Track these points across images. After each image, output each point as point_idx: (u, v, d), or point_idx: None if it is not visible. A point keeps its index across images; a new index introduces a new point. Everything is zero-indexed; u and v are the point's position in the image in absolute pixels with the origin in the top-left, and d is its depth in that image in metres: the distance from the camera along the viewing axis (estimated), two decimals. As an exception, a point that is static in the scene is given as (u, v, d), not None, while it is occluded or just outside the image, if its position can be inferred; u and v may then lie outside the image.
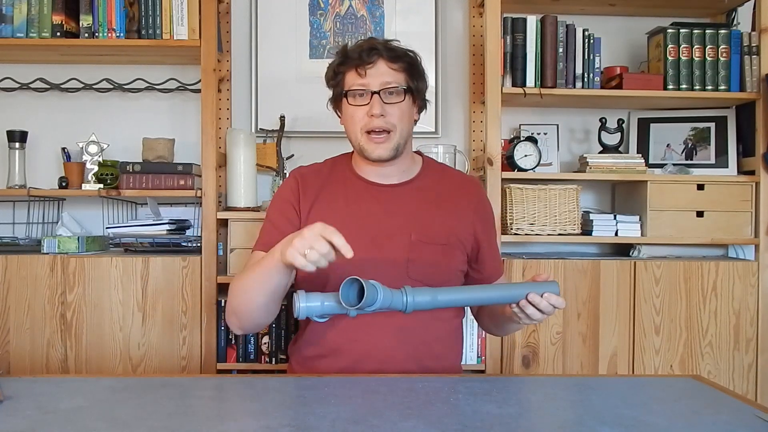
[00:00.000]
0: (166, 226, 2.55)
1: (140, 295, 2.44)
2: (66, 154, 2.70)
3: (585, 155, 2.64)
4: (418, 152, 1.87)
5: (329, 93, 1.78)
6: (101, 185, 2.55)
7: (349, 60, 1.68)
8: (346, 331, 1.66)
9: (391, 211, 1.71)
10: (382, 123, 1.65)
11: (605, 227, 2.58)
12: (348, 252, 1.37)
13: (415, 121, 1.79)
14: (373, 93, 1.65)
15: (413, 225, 1.69)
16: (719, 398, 1.34)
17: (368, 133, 1.66)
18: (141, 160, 2.60)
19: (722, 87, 2.59)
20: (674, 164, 2.69)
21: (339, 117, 1.77)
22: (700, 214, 2.56)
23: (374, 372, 1.62)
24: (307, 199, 1.73)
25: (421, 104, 1.78)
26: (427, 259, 1.67)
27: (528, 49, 2.57)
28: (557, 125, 2.84)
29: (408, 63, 1.70)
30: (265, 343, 2.48)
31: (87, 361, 2.43)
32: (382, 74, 1.66)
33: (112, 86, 2.80)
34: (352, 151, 1.81)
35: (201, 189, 2.50)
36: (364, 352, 1.64)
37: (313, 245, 1.37)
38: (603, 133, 2.70)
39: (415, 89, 1.71)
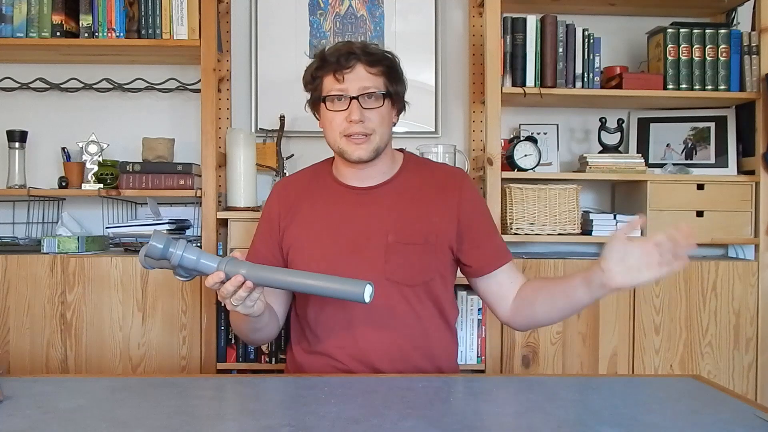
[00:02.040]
0: (166, 226, 2.55)
1: (140, 295, 2.43)
2: (66, 154, 2.70)
3: (585, 155, 2.64)
4: (401, 150, 1.84)
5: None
6: (101, 185, 2.55)
7: (326, 64, 1.66)
8: (334, 335, 1.67)
9: (369, 214, 1.70)
10: (361, 128, 1.63)
11: (605, 227, 2.58)
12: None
13: (394, 123, 1.77)
14: (351, 98, 1.63)
15: (391, 226, 1.67)
16: (719, 398, 1.34)
17: (347, 136, 1.65)
18: (141, 160, 2.60)
19: (722, 87, 2.59)
20: (674, 164, 2.69)
21: (317, 119, 1.76)
22: (700, 213, 2.56)
23: (366, 373, 1.62)
24: (288, 212, 1.76)
25: (399, 106, 1.76)
26: (405, 260, 1.66)
27: (528, 48, 2.57)
28: (557, 125, 2.84)
29: (386, 66, 1.68)
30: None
31: (87, 360, 2.43)
32: (360, 79, 1.63)
33: (111, 86, 2.80)
34: (333, 157, 1.81)
35: (201, 189, 2.50)
36: (354, 354, 1.65)
37: (224, 297, 1.45)
38: (603, 132, 2.70)
39: (393, 93, 1.69)
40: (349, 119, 1.62)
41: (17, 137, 2.64)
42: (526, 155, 2.58)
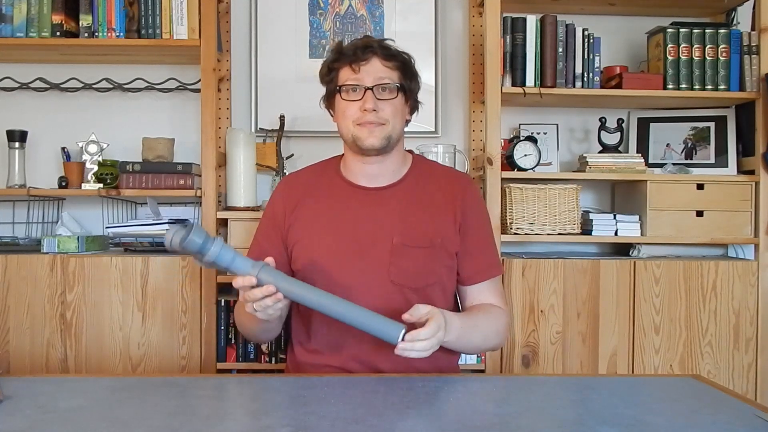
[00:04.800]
0: (166, 226, 2.55)
1: (140, 295, 2.43)
2: (66, 154, 2.70)
3: (585, 155, 2.64)
4: (410, 151, 1.85)
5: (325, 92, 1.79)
6: (101, 185, 2.55)
7: (343, 57, 1.69)
8: (337, 335, 1.67)
9: (375, 215, 1.70)
10: (375, 118, 1.65)
11: (605, 227, 2.58)
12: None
13: (407, 122, 1.78)
14: (366, 89, 1.65)
15: (396, 228, 1.68)
16: (719, 398, 1.34)
17: (360, 124, 1.67)
18: (141, 160, 2.60)
19: (722, 86, 2.59)
20: (674, 164, 2.69)
21: (332, 115, 1.78)
22: (699, 213, 2.56)
23: (366, 373, 1.62)
24: (292, 209, 1.76)
25: (413, 105, 1.78)
26: (409, 263, 1.66)
27: (528, 48, 2.57)
28: (557, 125, 2.84)
29: (402, 62, 1.71)
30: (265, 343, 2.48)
31: (87, 360, 2.43)
32: (376, 71, 1.66)
33: (111, 86, 2.80)
34: (342, 155, 1.82)
35: (201, 189, 2.50)
36: (355, 355, 1.65)
37: (248, 301, 1.47)
38: (603, 132, 2.70)
39: (407, 88, 1.72)
40: (363, 108, 1.65)
41: (17, 137, 2.64)
42: (525, 155, 2.58)
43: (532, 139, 2.62)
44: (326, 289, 1.55)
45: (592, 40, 2.60)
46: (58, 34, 2.50)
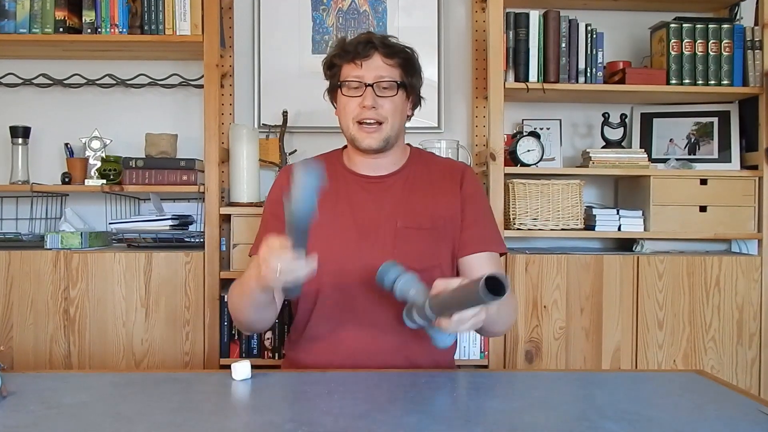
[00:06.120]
0: (169, 222, 2.56)
1: (143, 291, 2.44)
2: (69, 150, 2.70)
3: (588, 150, 2.64)
4: (408, 144, 1.87)
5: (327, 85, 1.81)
6: (104, 181, 2.55)
7: (345, 53, 1.71)
8: (337, 324, 1.67)
9: (379, 202, 1.73)
10: (374, 115, 1.67)
11: (608, 222, 2.58)
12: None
13: (409, 117, 1.80)
14: (366, 85, 1.67)
15: (400, 212, 1.71)
16: (722, 393, 1.34)
17: (360, 123, 1.69)
18: (144, 156, 2.60)
19: (725, 81, 2.59)
20: (677, 159, 2.69)
21: (335, 107, 1.80)
22: (703, 208, 2.56)
23: (361, 367, 1.62)
24: None
25: (415, 100, 1.80)
26: (414, 245, 1.68)
27: (531, 44, 2.57)
28: (560, 120, 2.84)
29: (404, 59, 1.72)
30: (268, 339, 2.49)
31: (90, 356, 2.43)
32: (377, 68, 1.68)
33: (114, 82, 2.80)
34: (344, 147, 1.84)
35: (204, 184, 2.50)
36: (351, 348, 1.65)
37: (274, 263, 1.36)
38: (606, 127, 2.70)
39: (408, 85, 1.73)
40: (362, 105, 1.67)
41: (20, 133, 2.64)
42: (529, 150, 2.58)
43: (535, 134, 2.61)
44: (332, 274, 1.61)
45: (595, 36, 2.59)
46: (61, 30, 2.50)
